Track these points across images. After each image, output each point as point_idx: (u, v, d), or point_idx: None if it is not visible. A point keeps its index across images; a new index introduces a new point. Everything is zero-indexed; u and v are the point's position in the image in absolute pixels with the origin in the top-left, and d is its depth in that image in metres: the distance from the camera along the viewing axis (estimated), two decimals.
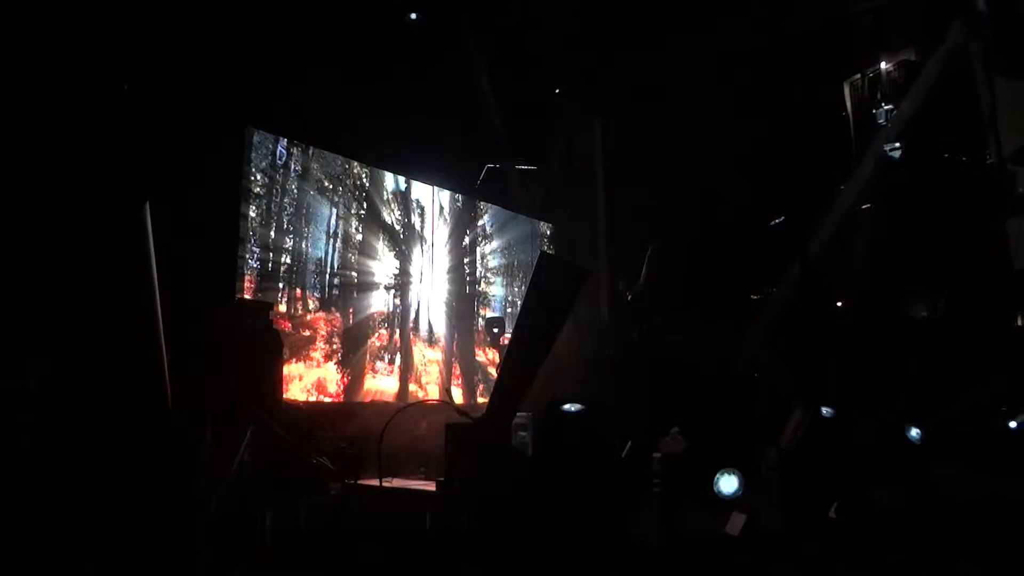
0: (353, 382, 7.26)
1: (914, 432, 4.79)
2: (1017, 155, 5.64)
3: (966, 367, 5.16)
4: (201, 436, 4.37)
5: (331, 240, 7.26)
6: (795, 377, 5.34)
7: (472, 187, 8.95)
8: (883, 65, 6.45)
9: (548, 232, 10.01)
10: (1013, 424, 4.92)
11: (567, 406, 4.66)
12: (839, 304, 6.37)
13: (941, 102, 6.00)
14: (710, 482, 4.38)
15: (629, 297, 6.66)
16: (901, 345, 5.44)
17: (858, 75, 6.62)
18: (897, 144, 5.99)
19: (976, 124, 5.90)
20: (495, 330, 7.38)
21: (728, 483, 4.48)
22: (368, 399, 7.33)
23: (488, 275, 9.38)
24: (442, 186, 8.66)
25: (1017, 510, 4.28)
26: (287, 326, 6.62)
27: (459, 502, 4.21)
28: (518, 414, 5.05)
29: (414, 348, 8.10)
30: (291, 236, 6.88)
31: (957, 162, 5.99)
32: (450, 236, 8.81)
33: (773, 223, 6.38)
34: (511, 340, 5.40)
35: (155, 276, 4.47)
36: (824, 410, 4.75)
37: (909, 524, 4.39)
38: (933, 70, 6.07)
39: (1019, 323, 5.49)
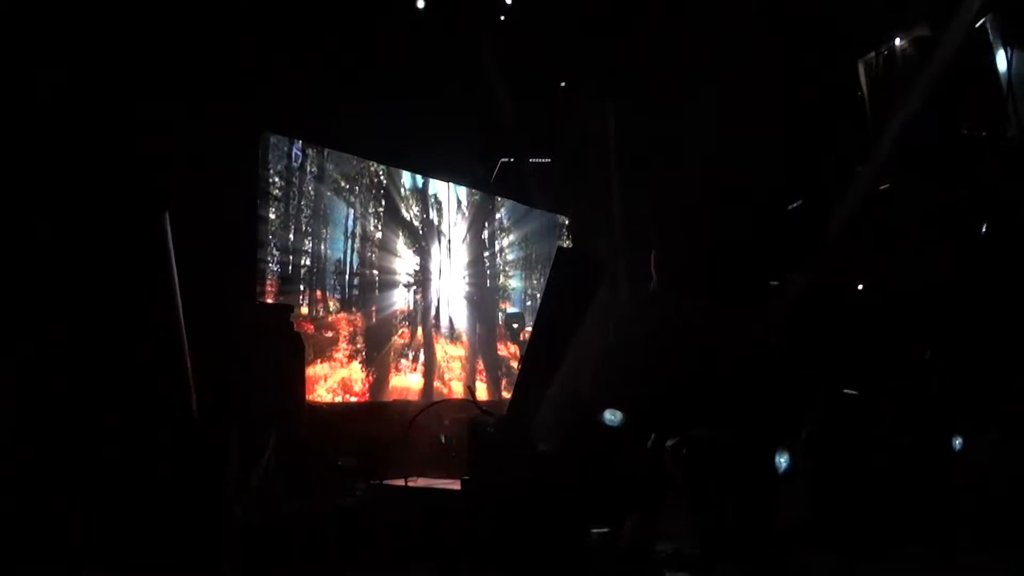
0: (378, 381, 7.31)
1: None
2: None
3: (984, 347, 5.11)
4: (226, 441, 4.42)
5: (350, 240, 7.30)
6: (815, 362, 5.30)
7: (487, 182, 8.95)
8: (897, 42, 6.37)
9: (565, 223, 10.00)
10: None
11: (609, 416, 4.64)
12: (859, 287, 6.31)
13: (957, 77, 5.91)
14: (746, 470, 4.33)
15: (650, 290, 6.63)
16: (919, 327, 5.38)
17: (872, 54, 6.53)
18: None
19: (994, 98, 5.82)
20: (515, 326, 7.39)
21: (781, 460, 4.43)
22: (393, 397, 7.38)
23: (507, 268, 9.39)
24: (457, 182, 8.68)
25: None
26: (310, 328, 6.67)
27: (482, 500, 4.22)
28: None
29: (436, 345, 8.13)
30: (310, 238, 6.93)
31: (976, 137, 5.90)
32: (468, 230, 8.82)
33: (791, 207, 6.32)
34: (531, 336, 5.41)
35: (176, 282, 4.53)
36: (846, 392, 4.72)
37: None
38: (948, 46, 5.98)
39: None
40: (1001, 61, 5.89)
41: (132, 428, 4.26)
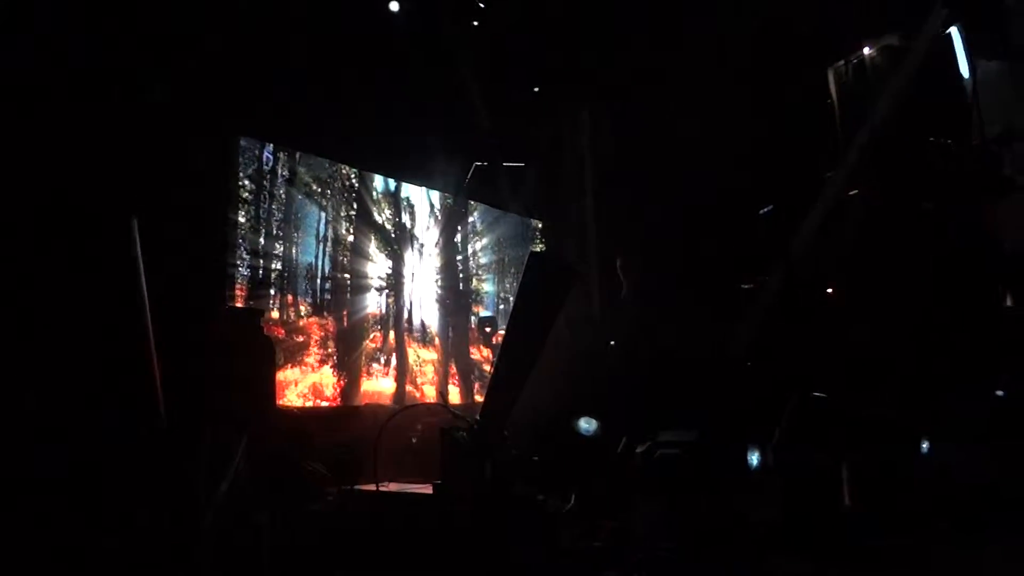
0: (349, 385, 7.27)
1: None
2: (1001, 137, 5.67)
3: (957, 350, 5.19)
4: (196, 446, 4.37)
5: (321, 244, 7.26)
6: (787, 365, 5.36)
7: (460, 186, 8.94)
8: (866, 51, 6.45)
9: (538, 227, 10.02)
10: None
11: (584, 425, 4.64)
12: (829, 291, 6.38)
13: (925, 86, 6.01)
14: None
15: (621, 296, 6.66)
16: (892, 330, 5.46)
17: (842, 62, 6.61)
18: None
19: (959, 107, 5.92)
20: (487, 329, 7.39)
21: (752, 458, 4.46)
22: (365, 402, 7.34)
23: (480, 272, 9.39)
24: (430, 187, 8.66)
25: None
26: (280, 332, 6.62)
27: (454, 505, 4.21)
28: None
29: (409, 349, 8.11)
30: (281, 242, 6.88)
31: (942, 145, 5.99)
32: (441, 234, 8.81)
33: (762, 211, 6.38)
34: (503, 340, 5.41)
35: (144, 286, 4.47)
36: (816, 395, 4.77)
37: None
38: (916, 55, 6.08)
39: (1008, 304, 5.51)
40: (966, 70, 6.00)
41: (98, 434, 4.20)
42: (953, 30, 5.89)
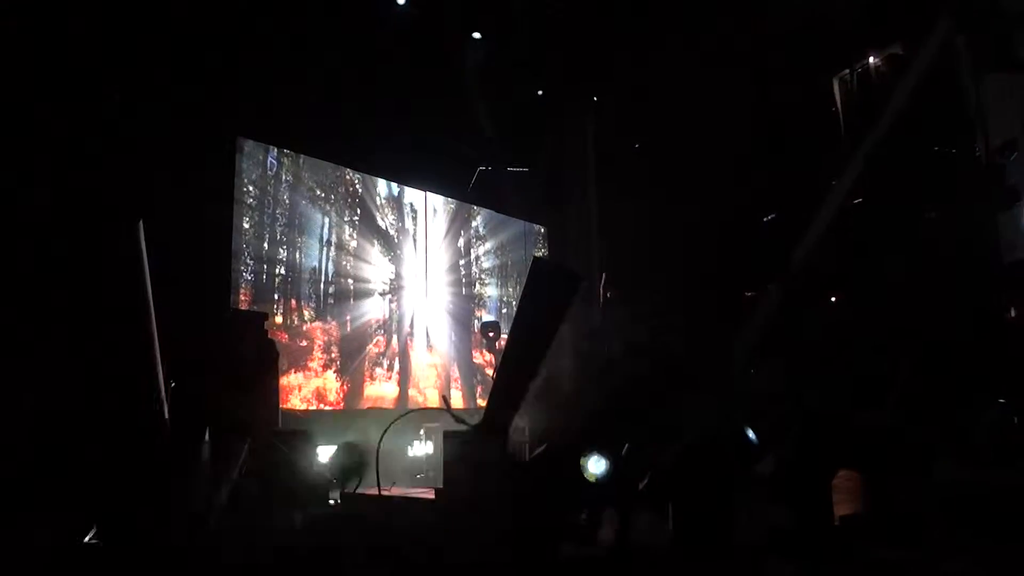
0: (353, 390, 7.29)
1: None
2: (1004, 148, 5.67)
3: (959, 362, 5.18)
4: (199, 450, 4.38)
5: (325, 248, 7.28)
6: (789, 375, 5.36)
7: (464, 191, 8.95)
8: (871, 60, 6.46)
9: (542, 231, 10.03)
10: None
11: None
12: (833, 299, 6.39)
13: (929, 96, 6.01)
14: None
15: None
16: (894, 341, 5.46)
17: (847, 71, 6.62)
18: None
19: (964, 118, 5.92)
20: (491, 334, 7.38)
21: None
22: (368, 406, 7.36)
23: (483, 276, 9.39)
24: (433, 191, 8.68)
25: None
26: (284, 337, 6.64)
27: (456, 510, 4.22)
28: None
29: (412, 353, 8.12)
30: (285, 247, 6.90)
31: (946, 155, 5.99)
32: (444, 238, 8.83)
33: (766, 220, 6.39)
34: (506, 347, 5.39)
35: (150, 292, 4.49)
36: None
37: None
38: (921, 65, 6.08)
39: (1011, 315, 5.51)
40: (970, 81, 6.00)
41: (103, 437, 4.21)
42: (958, 40, 5.89)
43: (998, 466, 4.70)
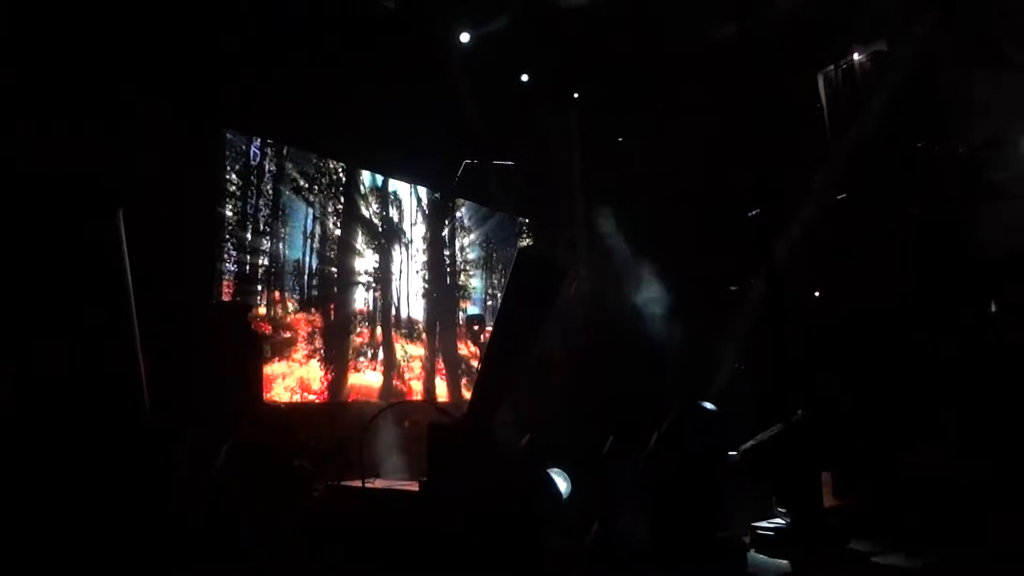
0: (336, 380, 7.26)
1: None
2: (987, 144, 5.71)
3: (941, 356, 5.23)
4: (180, 442, 4.36)
5: (309, 239, 7.24)
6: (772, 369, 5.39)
7: (449, 184, 8.92)
8: (856, 56, 6.48)
9: (526, 223, 10.02)
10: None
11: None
12: (816, 294, 6.43)
13: (913, 92, 6.04)
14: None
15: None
16: (874, 335, 5.50)
17: (831, 66, 6.64)
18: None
19: (948, 113, 5.96)
20: (475, 327, 7.39)
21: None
22: (352, 397, 7.34)
23: (467, 267, 9.38)
24: (418, 183, 8.65)
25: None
26: (267, 328, 6.60)
27: (440, 502, 4.22)
28: None
29: (396, 344, 8.10)
30: (268, 237, 6.86)
31: (929, 151, 6.03)
32: (428, 229, 8.80)
33: (750, 215, 6.40)
34: (490, 340, 5.40)
35: (130, 281, 4.45)
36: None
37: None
38: (905, 61, 6.11)
39: (992, 310, 5.55)
40: (954, 76, 6.03)
41: (83, 429, 4.18)
42: (943, 37, 5.92)
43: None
